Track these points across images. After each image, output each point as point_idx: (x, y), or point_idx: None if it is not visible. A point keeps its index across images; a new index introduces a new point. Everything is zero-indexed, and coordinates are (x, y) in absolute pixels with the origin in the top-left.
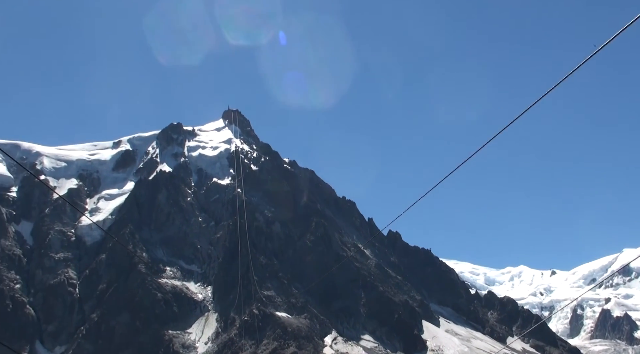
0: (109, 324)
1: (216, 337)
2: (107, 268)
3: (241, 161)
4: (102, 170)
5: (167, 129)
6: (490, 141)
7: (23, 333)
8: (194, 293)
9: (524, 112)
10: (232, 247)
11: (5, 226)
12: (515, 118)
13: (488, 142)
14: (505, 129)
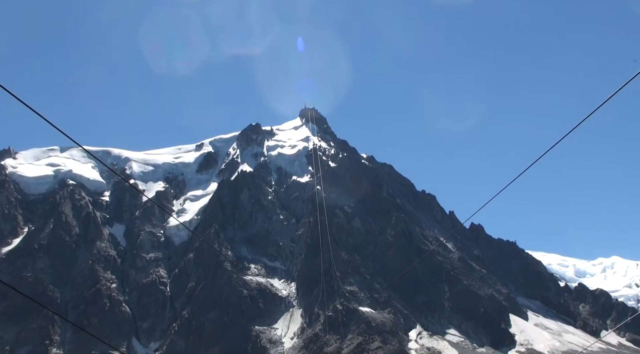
0: (199, 321)
1: (301, 332)
2: (195, 266)
3: (319, 158)
4: (186, 172)
5: (247, 130)
6: (578, 126)
7: (120, 330)
8: (278, 289)
9: (614, 94)
10: (313, 244)
11: (100, 229)
12: (604, 102)
13: (575, 128)
14: (592, 114)
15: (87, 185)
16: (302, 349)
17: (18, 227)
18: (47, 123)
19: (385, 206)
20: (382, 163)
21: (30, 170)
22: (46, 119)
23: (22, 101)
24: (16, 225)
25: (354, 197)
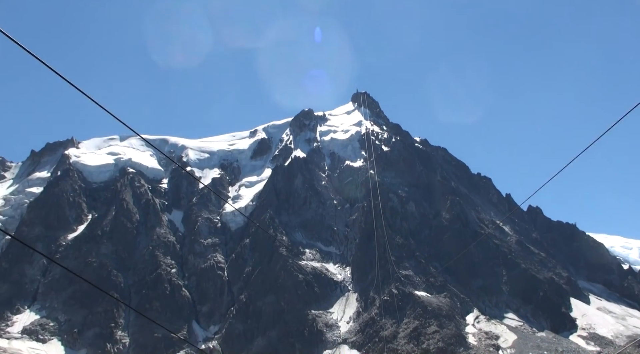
0: (256, 305)
1: (357, 316)
2: (251, 251)
3: (372, 142)
4: (241, 159)
5: (299, 116)
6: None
7: (181, 314)
8: (334, 273)
9: None
10: (368, 229)
11: (160, 216)
12: None
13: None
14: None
15: (146, 173)
16: (358, 333)
17: (82, 214)
18: (108, 113)
19: (440, 190)
20: (435, 146)
21: (93, 159)
22: (107, 109)
23: (85, 93)
24: (80, 212)
25: (408, 181)
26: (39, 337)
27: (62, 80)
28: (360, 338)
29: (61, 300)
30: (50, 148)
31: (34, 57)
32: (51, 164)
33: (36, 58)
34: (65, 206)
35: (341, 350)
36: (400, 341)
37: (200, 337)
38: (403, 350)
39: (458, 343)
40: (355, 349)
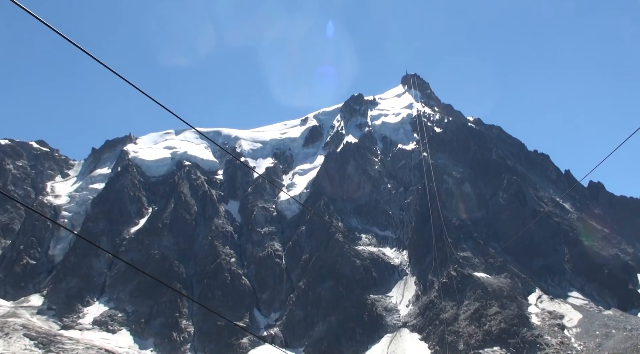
0: (315, 291)
1: (416, 300)
2: (307, 238)
3: (424, 124)
4: (293, 147)
5: (349, 101)
6: None
7: (242, 302)
8: (391, 258)
9: None
10: (423, 211)
11: (217, 207)
12: None
13: None
14: None
15: (201, 165)
16: (418, 316)
17: (143, 208)
18: (163, 108)
19: (496, 169)
20: (489, 125)
21: (150, 154)
22: (162, 105)
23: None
24: (141, 206)
25: (462, 162)
26: (108, 328)
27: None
28: (420, 321)
29: (127, 292)
30: (109, 145)
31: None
32: (111, 161)
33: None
34: (126, 201)
35: (401, 334)
36: (461, 323)
37: (262, 324)
38: (464, 332)
39: (521, 323)
40: (415, 333)
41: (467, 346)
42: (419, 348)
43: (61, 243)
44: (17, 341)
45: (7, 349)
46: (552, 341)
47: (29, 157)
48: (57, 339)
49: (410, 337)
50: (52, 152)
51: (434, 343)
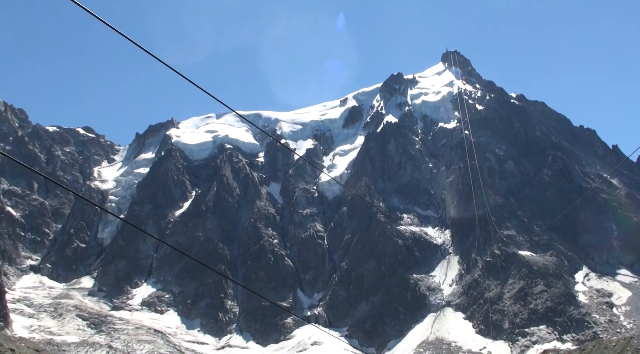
0: (358, 271)
1: (460, 279)
2: (349, 219)
3: (465, 102)
4: (333, 128)
5: (388, 80)
6: None
7: (285, 282)
8: (433, 237)
9: None
10: (465, 190)
11: (259, 189)
12: None
13: None
14: None
15: (242, 148)
16: (461, 296)
17: (187, 191)
18: (204, 93)
19: (540, 146)
20: (533, 101)
21: (192, 138)
22: (204, 89)
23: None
24: (185, 189)
25: (505, 139)
26: (156, 308)
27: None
28: (464, 300)
29: (174, 273)
30: (152, 130)
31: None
32: (155, 145)
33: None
34: (170, 185)
35: (445, 313)
36: (505, 302)
37: (305, 304)
38: (509, 311)
39: (568, 301)
40: (459, 312)
41: (512, 324)
42: (463, 327)
43: (109, 227)
44: (71, 322)
45: (61, 329)
46: (601, 320)
47: (76, 143)
48: (108, 320)
49: (454, 316)
50: (98, 138)
51: (478, 322)
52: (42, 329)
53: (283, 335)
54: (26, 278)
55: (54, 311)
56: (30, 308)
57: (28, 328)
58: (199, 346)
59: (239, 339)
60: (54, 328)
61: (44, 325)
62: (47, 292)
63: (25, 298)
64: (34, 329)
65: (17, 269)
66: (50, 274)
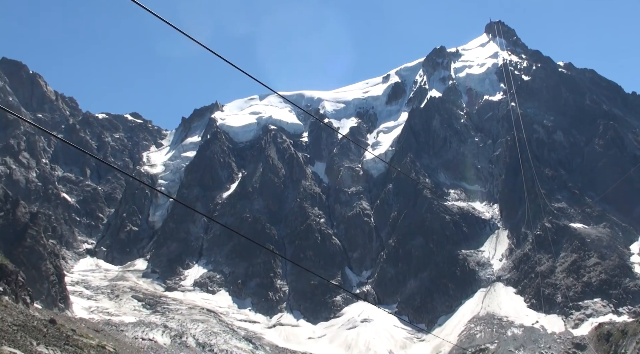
0: (405, 248)
1: (510, 253)
2: (395, 196)
3: (511, 73)
4: (376, 105)
5: (431, 54)
6: None
7: (334, 261)
8: (481, 212)
9: None
10: (513, 163)
11: (304, 169)
12: None
13: None
14: None
15: (286, 128)
16: (512, 270)
17: (233, 173)
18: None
19: (590, 115)
20: (582, 69)
21: (236, 120)
22: (246, 72)
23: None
24: (231, 171)
25: (554, 110)
26: (208, 289)
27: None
28: (514, 275)
29: (224, 254)
30: (198, 114)
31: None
32: (200, 129)
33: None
34: (217, 167)
35: (496, 288)
36: (558, 276)
37: (354, 282)
38: (562, 284)
39: (623, 273)
40: (510, 286)
41: (565, 298)
42: (514, 302)
43: (160, 210)
44: (127, 303)
45: (118, 310)
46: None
47: (125, 129)
48: (162, 300)
49: (505, 291)
50: (146, 123)
51: (530, 297)
52: (100, 310)
53: (332, 313)
54: (83, 262)
55: (110, 293)
56: (88, 290)
57: (87, 309)
58: (251, 324)
59: (289, 318)
60: (111, 309)
61: (102, 306)
62: (104, 274)
63: (83, 280)
64: (93, 310)
65: (75, 253)
66: (106, 257)
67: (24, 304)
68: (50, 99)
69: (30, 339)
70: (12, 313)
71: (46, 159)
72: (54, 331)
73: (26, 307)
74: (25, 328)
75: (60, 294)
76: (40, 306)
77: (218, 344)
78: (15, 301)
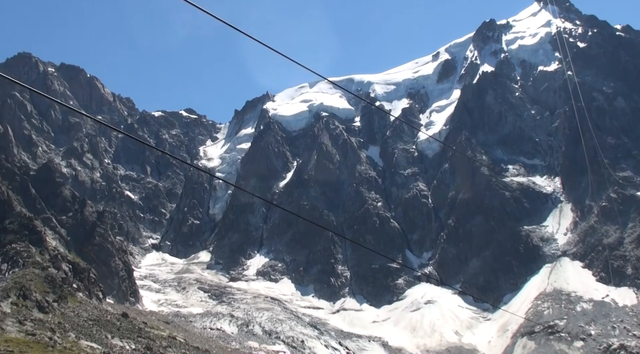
0: (465, 228)
1: (574, 227)
2: (451, 176)
3: (565, 41)
4: (427, 85)
5: (481, 28)
6: None
7: (393, 244)
8: (542, 186)
9: None
10: (573, 134)
11: (358, 153)
12: None
13: None
14: None
15: (338, 114)
16: (578, 244)
17: (288, 162)
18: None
19: None
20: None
21: (288, 109)
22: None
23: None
24: (286, 160)
25: (613, 76)
26: (271, 277)
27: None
28: (581, 249)
29: (284, 243)
30: (250, 105)
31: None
32: (253, 120)
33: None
34: (272, 157)
35: (562, 263)
36: (627, 247)
37: (415, 264)
38: (632, 256)
39: None
40: (577, 261)
41: (635, 270)
42: (582, 276)
43: (219, 203)
44: (194, 294)
45: (186, 302)
46: None
47: (181, 125)
48: (227, 291)
49: (572, 266)
50: (200, 118)
51: (598, 270)
52: (169, 303)
53: (395, 296)
54: (149, 256)
55: (177, 285)
56: (156, 283)
57: (156, 302)
58: (315, 311)
59: (352, 302)
60: (179, 301)
61: (170, 299)
62: (170, 268)
63: (151, 274)
64: (162, 302)
65: (141, 248)
66: (171, 251)
67: (97, 299)
68: (108, 100)
69: (105, 333)
70: (87, 309)
71: (108, 159)
72: (126, 324)
73: (99, 302)
74: (100, 322)
75: (130, 289)
76: (113, 301)
77: (284, 331)
78: (89, 297)
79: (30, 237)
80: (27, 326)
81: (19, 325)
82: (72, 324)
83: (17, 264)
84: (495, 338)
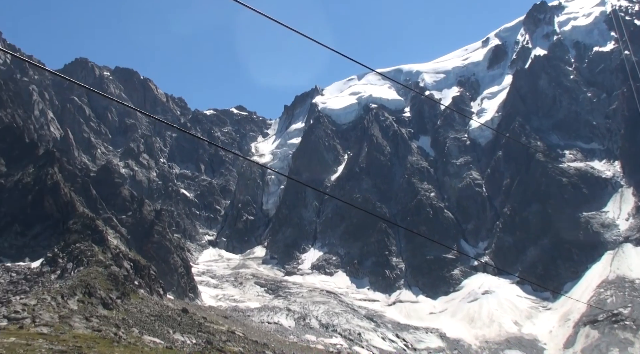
0: (522, 216)
1: (637, 212)
2: (505, 163)
3: (621, 19)
4: (477, 71)
5: (531, 11)
6: None
7: (448, 234)
8: (601, 171)
9: None
10: (632, 116)
11: (409, 144)
12: None
13: None
14: None
15: (387, 105)
16: None
17: (339, 155)
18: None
19: None
20: None
21: (337, 102)
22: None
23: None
24: (337, 154)
25: None
26: (325, 271)
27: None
28: None
29: (337, 236)
30: (299, 100)
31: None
32: (303, 115)
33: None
34: (323, 151)
35: (624, 249)
36: None
37: (471, 254)
38: None
39: None
40: None
41: None
42: None
43: (272, 198)
44: (250, 289)
45: (243, 297)
46: None
47: (232, 122)
48: (283, 285)
49: (636, 252)
50: (251, 115)
51: None
52: (226, 298)
53: (452, 287)
54: (206, 253)
55: (234, 281)
56: (214, 279)
57: (214, 297)
58: (371, 303)
59: (408, 294)
60: (236, 296)
61: (228, 294)
62: (226, 263)
63: (208, 270)
64: (220, 297)
65: (198, 245)
66: (227, 247)
67: (158, 295)
68: (161, 101)
69: (166, 328)
70: (149, 305)
71: (164, 158)
72: (187, 319)
73: (160, 298)
74: (161, 317)
75: (189, 285)
76: (173, 297)
77: (340, 324)
78: (150, 293)
79: (92, 237)
80: (93, 323)
81: (86, 322)
82: (135, 320)
83: (81, 263)
84: (556, 328)
